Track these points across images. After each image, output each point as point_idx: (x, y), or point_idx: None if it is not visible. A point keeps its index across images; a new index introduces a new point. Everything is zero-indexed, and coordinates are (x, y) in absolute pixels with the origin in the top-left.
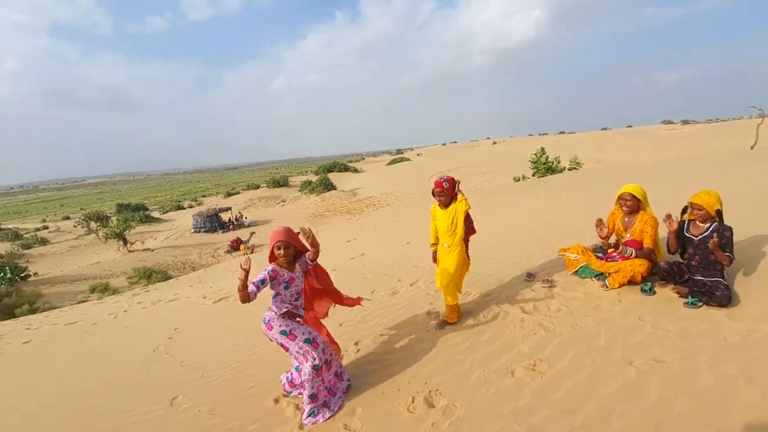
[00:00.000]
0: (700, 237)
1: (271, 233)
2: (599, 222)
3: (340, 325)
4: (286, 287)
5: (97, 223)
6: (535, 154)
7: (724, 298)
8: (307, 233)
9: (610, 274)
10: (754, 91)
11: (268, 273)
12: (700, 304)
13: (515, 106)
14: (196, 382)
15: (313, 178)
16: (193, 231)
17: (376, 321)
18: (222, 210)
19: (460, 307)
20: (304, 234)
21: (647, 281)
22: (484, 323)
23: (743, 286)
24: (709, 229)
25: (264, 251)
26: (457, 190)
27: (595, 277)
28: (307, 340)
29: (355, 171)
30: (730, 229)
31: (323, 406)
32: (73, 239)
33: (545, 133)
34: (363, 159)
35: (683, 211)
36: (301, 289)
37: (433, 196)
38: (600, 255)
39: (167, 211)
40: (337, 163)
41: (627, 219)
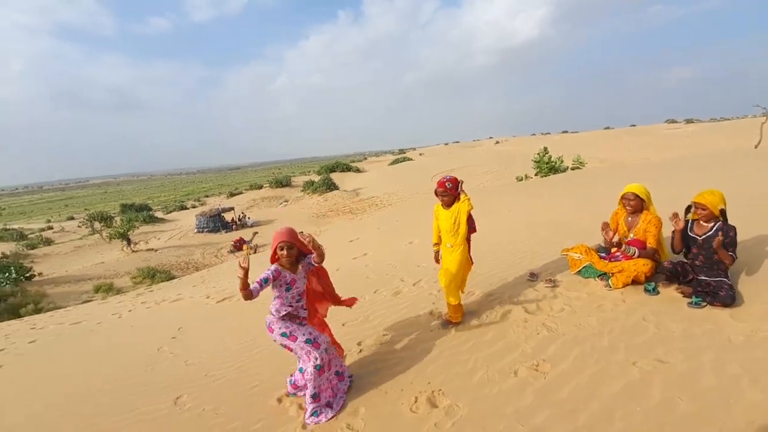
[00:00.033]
0: (704, 237)
1: (274, 234)
2: (605, 225)
3: (342, 325)
4: (288, 289)
5: (101, 224)
6: (538, 154)
7: (728, 298)
8: (307, 239)
9: (613, 274)
10: (755, 90)
11: (271, 272)
12: (704, 304)
13: (518, 105)
14: (200, 382)
15: (316, 178)
16: (196, 231)
17: (379, 321)
18: (225, 210)
19: (462, 306)
20: (303, 240)
21: (651, 281)
22: (487, 323)
23: (747, 286)
24: (713, 228)
25: (266, 251)
26: (460, 190)
27: (598, 277)
28: (308, 341)
29: (357, 171)
30: (734, 228)
31: (326, 406)
32: (78, 239)
33: (548, 133)
34: (365, 159)
35: (687, 210)
36: (303, 290)
37: (436, 195)
38: (603, 255)
39: (171, 212)
40: (340, 163)
41: (630, 219)
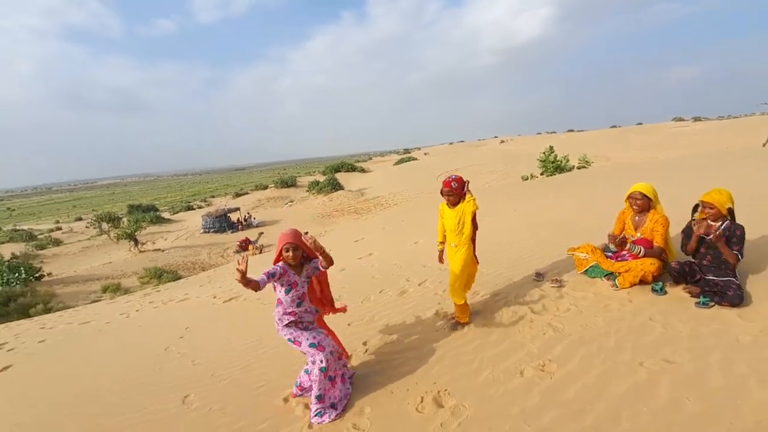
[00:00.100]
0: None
1: (280, 235)
2: (612, 238)
3: (348, 324)
4: (288, 291)
5: (109, 224)
6: (544, 153)
7: (736, 298)
8: (309, 240)
9: (620, 273)
10: (759, 89)
11: (279, 268)
12: (712, 304)
13: (523, 104)
14: (207, 381)
15: (321, 179)
16: (202, 231)
17: (385, 321)
18: (231, 210)
19: (469, 306)
20: (305, 240)
21: (658, 281)
22: (493, 323)
23: (755, 285)
24: (721, 227)
25: (272, 252)
26: (466, 190)
27: (604, 276)
28: (312, 345)
29: (362, 171)
30: (742, 227)
31: (330, 407)
32: (86, 240)
33: (554, 132)
34: (370, 159)
35: (694, 209)
36: (302, 294)
37: (442, 195)
38: (610, 254)
39: (177, 212)
40: (345, 163)
41: (637, 218)
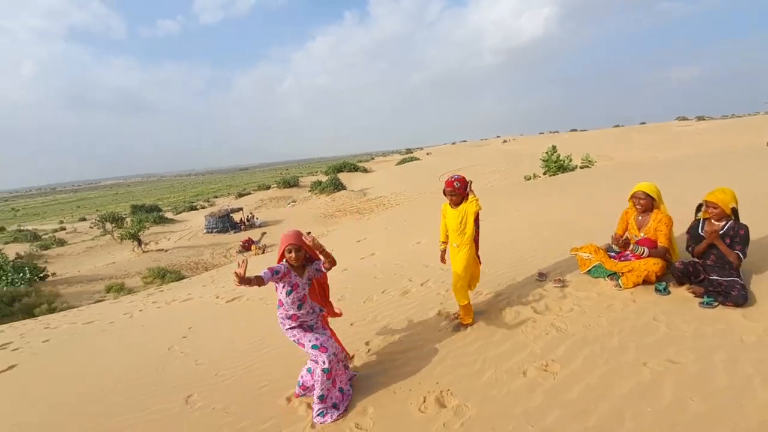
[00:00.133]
0: None
1: (282, 236)
2: (615, 240)
3: (351, 324)
4: (289, 292)
5: (113, 224)
6: (547, 153)
7: (740, 298)
8: (309, 239)
9: (623, 273)
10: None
11: (284, 266)
12: (716, 303)
13: (526, 104)
14: (210, 381)
15: (323, 179)
16: (205, 231)
17: (387, 321)
18: (233, 210)
19: (472, 307)
20: (306, 240)
21: (662, 281)
22: (496, 323)
23: (760, 285)
24: (725, 227)
25: (274, 252)
26: (469, 190)
27: (608, 276)
28: (314, 346)
29: (364, 171)
30: (746, 227)
31: (332, 407)
32: (90, 240)
33: (556, 131)
34: (373, 159)
35: (698, 209)
36: (303, 296)
37: (444, 195)
38: (613, 254)
39: (180, 212)
40: (347, 163)
41: (641, 218)
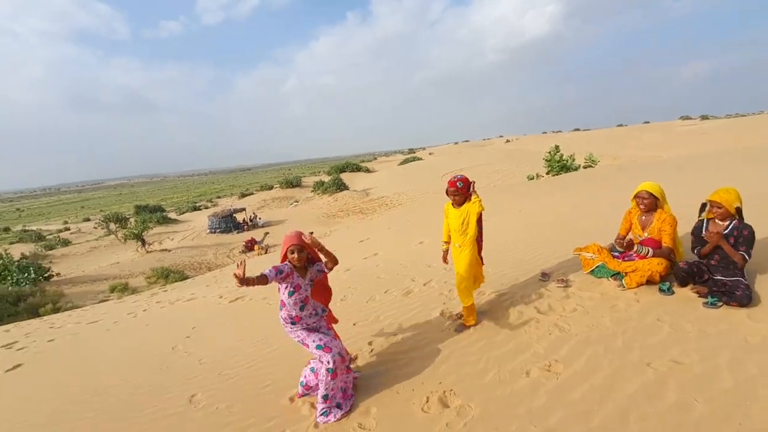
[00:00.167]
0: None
1: (284, 237)
2: (619, 241)
3: (354, 324)
4: (291, 293)
5: (116, 225)
6: (549, 152)
7: (745, 298)
8: (308, 238)
9: (627, 273)
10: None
11: (287, 267)
12: (720, 304)
13: (529, 103)
14: (213, 380)
15: (326, 179)
16: (208, 231)
17: (390, 321)
18: (236, 211)
19: (475, 308)
20: (306, 240)
21: (665, 281)
22: (499, 323)
23: (764, 285)
24: (729, 227)
25: (277, 252)
26: (471, 191)
27: (611, 276)
28: (319, 347)
29: (367, 171)
30: (750, 227)
31: (335, 407)
32: (94, 240)
33: (560, 131)
34: (375, 159)
35: (701, 209)
36: (305, 298)
37: (447, 195)
38: (617, 254)
39: (183, 212)
40: (350, 163)
41: (644, 217)
